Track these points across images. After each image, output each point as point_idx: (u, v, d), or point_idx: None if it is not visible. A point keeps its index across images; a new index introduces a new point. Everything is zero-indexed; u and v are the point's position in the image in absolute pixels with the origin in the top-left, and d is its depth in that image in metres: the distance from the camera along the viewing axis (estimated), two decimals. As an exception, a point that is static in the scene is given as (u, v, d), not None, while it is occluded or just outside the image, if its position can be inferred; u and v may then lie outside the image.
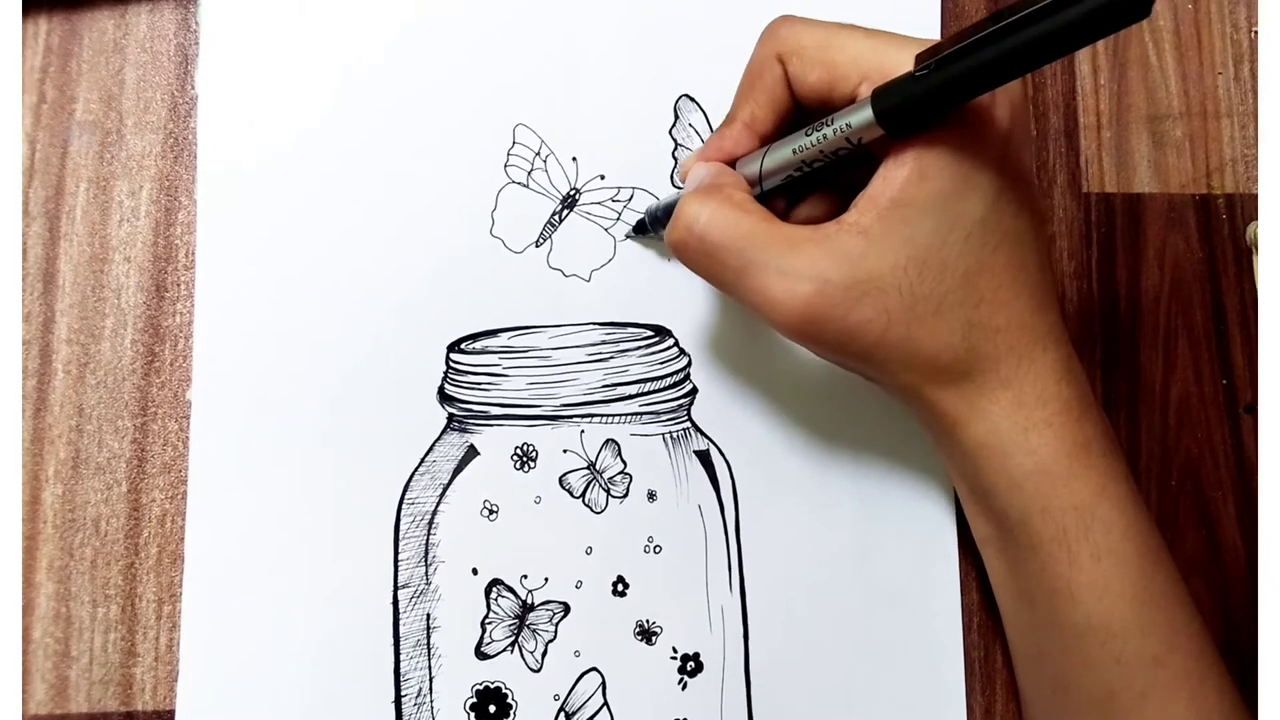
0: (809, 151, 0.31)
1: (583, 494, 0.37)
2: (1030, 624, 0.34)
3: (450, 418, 0.38)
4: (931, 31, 0.40)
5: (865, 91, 0.30)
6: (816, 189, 0.35)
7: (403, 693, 0.36)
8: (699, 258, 0.32)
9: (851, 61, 0.31)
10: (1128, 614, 0.32)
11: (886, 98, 0.29)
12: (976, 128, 0.30)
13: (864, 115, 0.30)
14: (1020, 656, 0.36)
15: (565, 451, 0.37)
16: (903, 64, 0.30)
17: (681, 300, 0.39)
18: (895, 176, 0.30)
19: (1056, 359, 0.32)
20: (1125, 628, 0.32)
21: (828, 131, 0.31)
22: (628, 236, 0.39)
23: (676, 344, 0.38)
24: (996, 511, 0.33)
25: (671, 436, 0.38)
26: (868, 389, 0.38)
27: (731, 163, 0.34)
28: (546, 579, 0.37)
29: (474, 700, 0.37)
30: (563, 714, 0.37)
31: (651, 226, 0.38)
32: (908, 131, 0.30)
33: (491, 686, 0.37)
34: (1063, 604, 0.32)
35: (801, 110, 0.33)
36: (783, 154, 0.32)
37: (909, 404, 0.33)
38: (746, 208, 0.31)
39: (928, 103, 0.29)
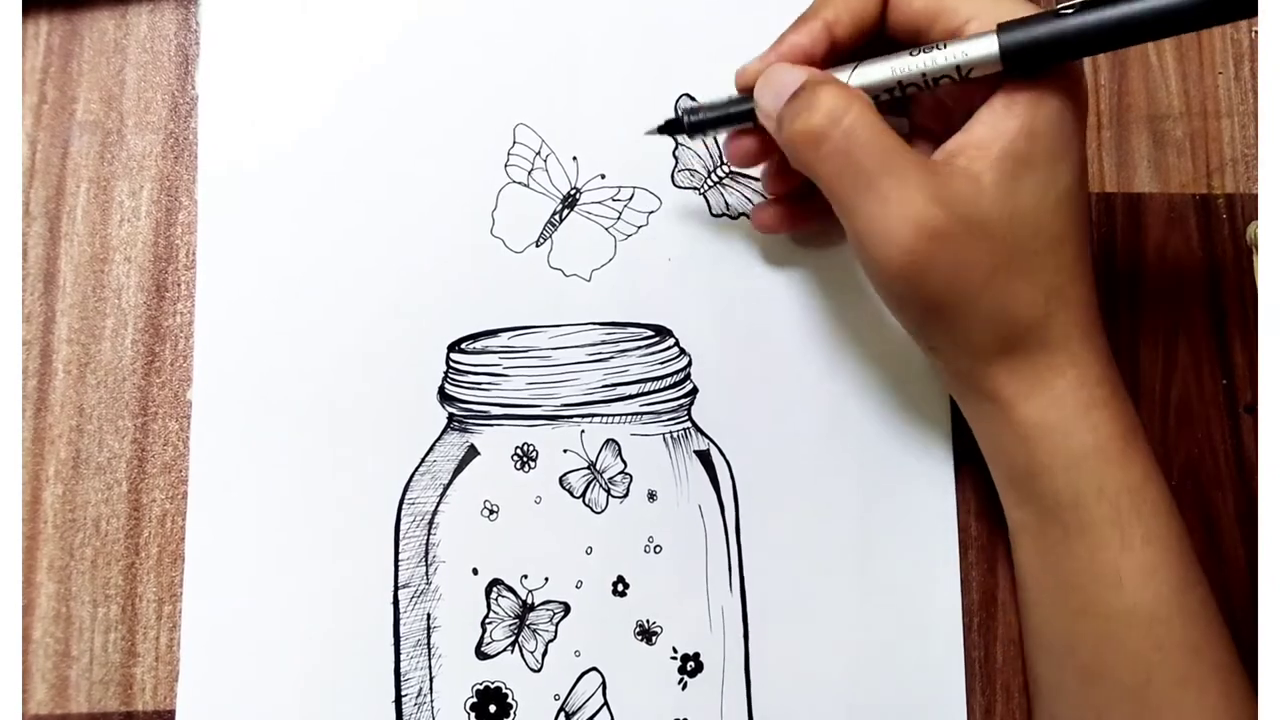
0: (910, 74, 0.31)
1: (583, 494, 0.37)
2: (1064, 613, 0.34)
3: (450, 417, 0.38)
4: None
5: (974, 29, 0.31)
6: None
7: (403, 692, 0.36)
8: (833, 153, 0.30)
9: None
10: (1173, 601, 0.32)
11: (1015, 33, 0.30)
12: (1073, 92, 0.31)
13: (986, 48, 0.30)
14: (1045, 648, 0.36)
15: (565, 451, 0.37)
16: (1016, 15, 0.30)
17: (682, 300, 0.39)
18: (1006, 128, 0.30)
19: (1106, 342, 0.33)
20: (1170, 614, 0.32)
21: (939, 56, 0.30)
22: (649, 133, 0.36)
23: (677, 344, 0.38)
24: (1046, 495, 0.33)
25: (672, 436, 0.38)
26: (868, 389, 0.38)
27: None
28: (547, 579, 0.37)
29: (474, 700, 0.37)
30: (563, 714, 0.37)
31: (692, 127, 0.35)
32: (1025, 73, 0.30)
33: (492, 686, 0.37)
34: (1106, 589, 0.32)
35: (876, 42, 0.33)
36: (878, 71, 0.32)
37: (969, 378, 0.33)
38: (882, 120, 0.31)
39: (1056, 47, 0.29)
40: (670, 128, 0.36)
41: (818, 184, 0.32)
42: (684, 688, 0.37)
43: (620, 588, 0.37)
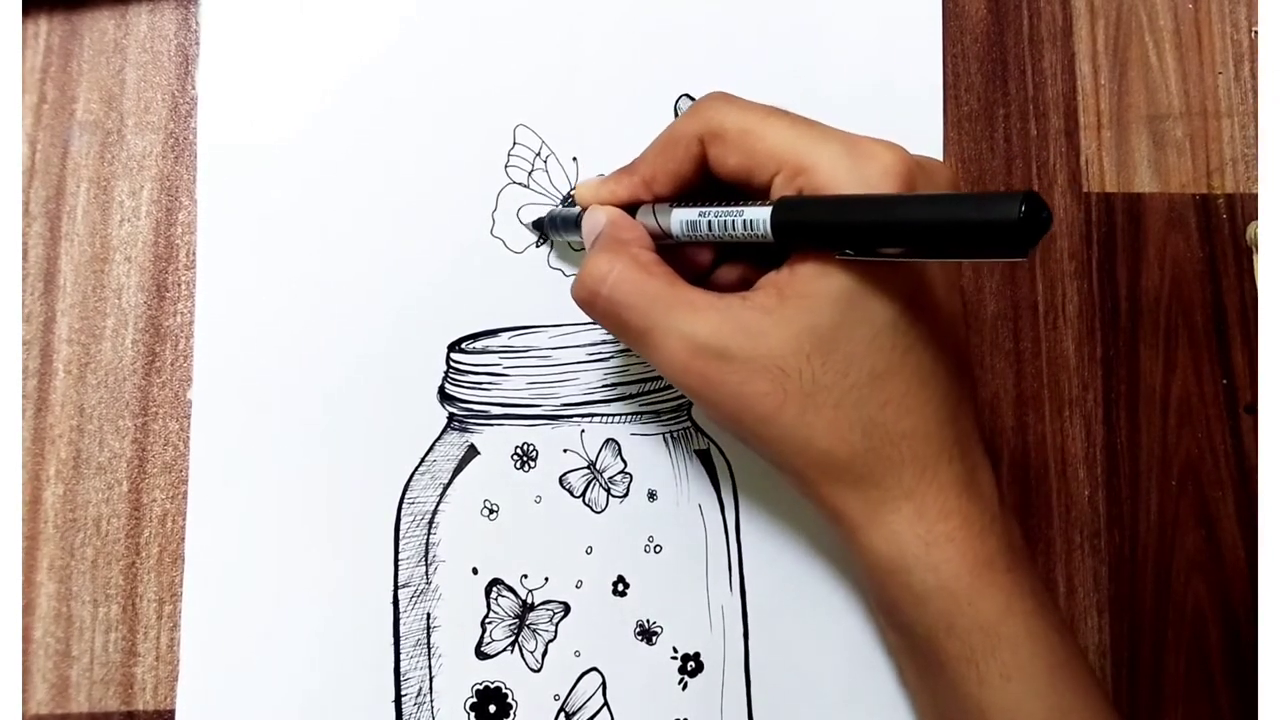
0: (713, 231, 0.32)
1: (583, 493, 0.37)
2: None
3: (450, 417, 0.38)
4: (933, 32, 0.40)
5: (779, 183, 0.30)
6: (743, 254, 0.34)
7: (403, 692, 0.36)
8: (605, 315, 0.32)
9: (769, 152, 0.31)
10: None
11: (784, 214, 0.29)
12: None
13: (764, 220, 0.30)
14: None
15: (565, 451, 0.37)
16: (820, 159, 0.30)
17: (682, 300, 0.39)
18: (801, 269, 0.30)
19: (961, 470, 0.31)
20: None
21: (732, 221, 0.31)
22: (524, 223, 0.38)
23: (677, 344, 0.38)
24: (904, 625, 0.32)
25: (672, 436, 0.38)
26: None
27: (629, 208, 0.34)
28: (547, 579, 0.37)
29: (474, 700, 0.37)
30: (563, 714, 0.37)
31: (549, 228, 0.38)
32: (805, 248, 0.30)
33: (492, 686, 0.37)
34: None
35: (708, 182, 0.33)
36: (689, 216, 0.32)
37: (809, 499, 0.32)
38: (651, 269, 0.31)
39: (828, 236, 0.29)
40: (537, 225, 0.38)
41: None
42: (684, 688, 0.37)
43: (620, 587, 0.37)
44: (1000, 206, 0.24)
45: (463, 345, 0.38)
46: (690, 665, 0.37)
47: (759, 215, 0.30)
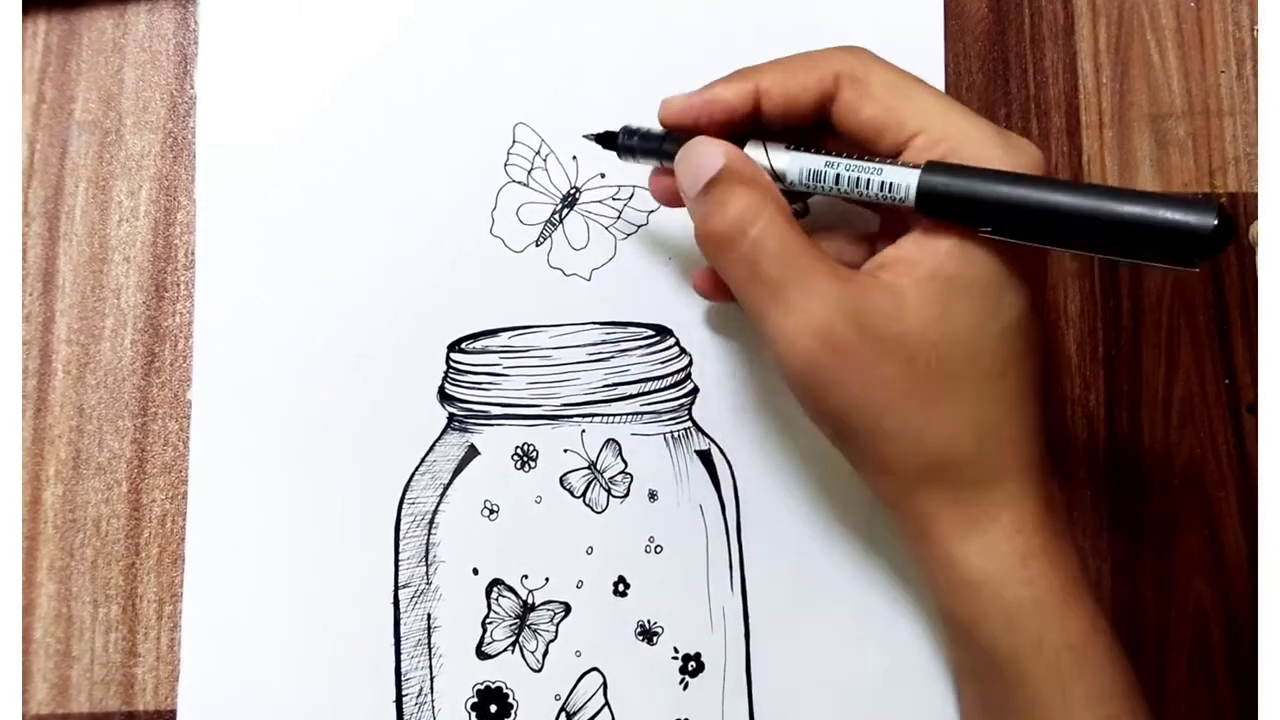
0: (839, 186, 0.30)
1: (583, 494, 0.37)
2: None
3: (451, 417, 0.37)
4: (934, 31, 0.40)
5: (920, 145, 0.29)
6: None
7: (404, 692, 0.36)
8: (739, 260, 0.29)
9: (916, 112, 0.29)
10: None
11: (937, 178, 0.28)
12: None
13: (908, 185, 0.28)
14: None
15: (566, 451, 0.37)
16: (970, 134, 0.28)
17: (682, 300, 0.39)
18: (936, 248, 0.28)
19: (1050, 483, 0.31)
20: None
21: (868, 179, 0.29)
22: (586, 136, 0.36)
23: (677, 343, 0.38)
24: (983, 642, 0.31)
25: (672, 436, 0.38)
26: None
27: (728, 136, 0.31)
28: (547, 579, 0.37)
29: (475, 700, 0.37)
30: (564, 714, 0.37)
31: (624, 148, 0.34)
32: (946, 219, 0.28)
33: (492, 686, 0.37)
34: None
35: (800, 130, 0.31)
36: (813, 165, 0.30)
37: (894, 506, 0.31)
38: (795, 225, 0.29)
39: (976, 210, 0.27)
40: (605, 139, 0.35)
41: (727, 282, 0.31)
42: (685, 688, 0.37)
43: (621, 588, 0.37)
44: (1197, 213, 0.23)
45: (463, 345, 0.38)
46: (691, 665, 0.37)
47: (904, 178, 0.28)
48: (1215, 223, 0.23)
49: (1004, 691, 0.31)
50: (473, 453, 0.37)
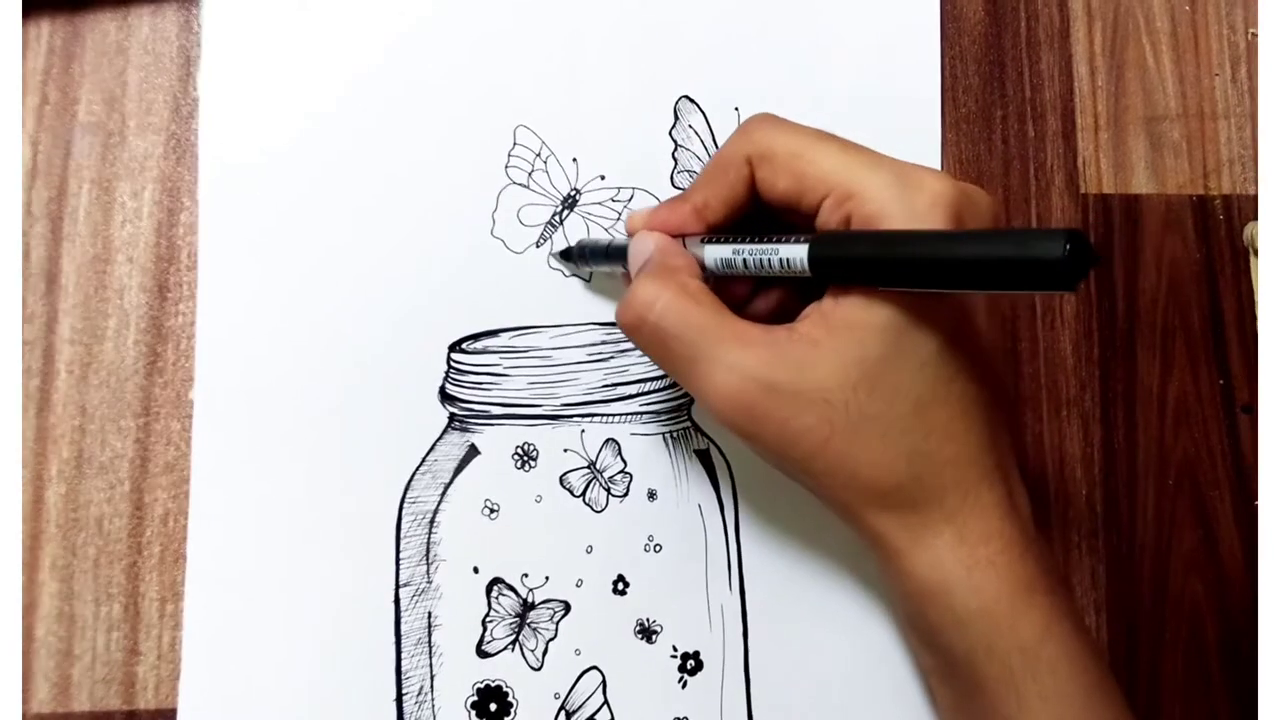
0: (749, 269, 0.31)
1: (583, 493, 0.38)
2: None
3: (451, 417, 0.38)
4: (931, 34, 0.41)
5: (828, 206, 0.30)
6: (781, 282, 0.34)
7: (404, 691, 0.37)
8: (650, 343, 0.32)
9: (819, 176, 0.31)
10: None
11: (822, 249, 0.29)
12: None
13: (800, 258, 0.30)
14: None
15: (566, 451, 0.38)
16: (869, 186, 0.30)
17: (681, 300, 0.39)
18: (847, 299, 0.30)
19: (1001, 495, 0.31)
20: None
21: (768, 259, 0.31)
22: (552, 255, 0.38)
23: (676, 344, 0.38)
24: (941, 648, 0.32)
25: (672, 436, 0.38)
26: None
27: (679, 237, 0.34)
28: (547, 578, 0.37)
29: (475, 698, 0.37)
30: (563, 712, 0.37)
31: (579, 259, 0.38)
32: (845, 283, 0.30)
33: (492, 685, 0.37)
34: None
35: (759, 207, 0.33)
36: (723, 254, 0.32)
37: (850, 524, 0.32)
38: (699, 298, 0.31)
39: (864, 271, 0.29)
40: (566, 255, 0.38)
41: None
42: (684, 686, 0.37)
43: (620, 587, 0.37)
44: (1044, 245, 0.24)
45: (463, 345, 0.38)
46: (690, 664, 0.37)
47: (796, 253, 0.30)
48: (1064, 252, 0.24)
49: (966, 694, 0.32)
50: (473, 452, 0.37)
